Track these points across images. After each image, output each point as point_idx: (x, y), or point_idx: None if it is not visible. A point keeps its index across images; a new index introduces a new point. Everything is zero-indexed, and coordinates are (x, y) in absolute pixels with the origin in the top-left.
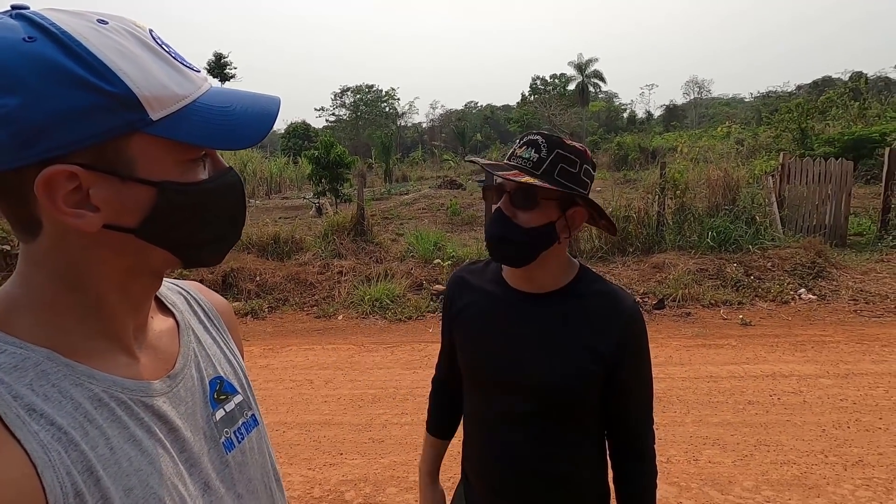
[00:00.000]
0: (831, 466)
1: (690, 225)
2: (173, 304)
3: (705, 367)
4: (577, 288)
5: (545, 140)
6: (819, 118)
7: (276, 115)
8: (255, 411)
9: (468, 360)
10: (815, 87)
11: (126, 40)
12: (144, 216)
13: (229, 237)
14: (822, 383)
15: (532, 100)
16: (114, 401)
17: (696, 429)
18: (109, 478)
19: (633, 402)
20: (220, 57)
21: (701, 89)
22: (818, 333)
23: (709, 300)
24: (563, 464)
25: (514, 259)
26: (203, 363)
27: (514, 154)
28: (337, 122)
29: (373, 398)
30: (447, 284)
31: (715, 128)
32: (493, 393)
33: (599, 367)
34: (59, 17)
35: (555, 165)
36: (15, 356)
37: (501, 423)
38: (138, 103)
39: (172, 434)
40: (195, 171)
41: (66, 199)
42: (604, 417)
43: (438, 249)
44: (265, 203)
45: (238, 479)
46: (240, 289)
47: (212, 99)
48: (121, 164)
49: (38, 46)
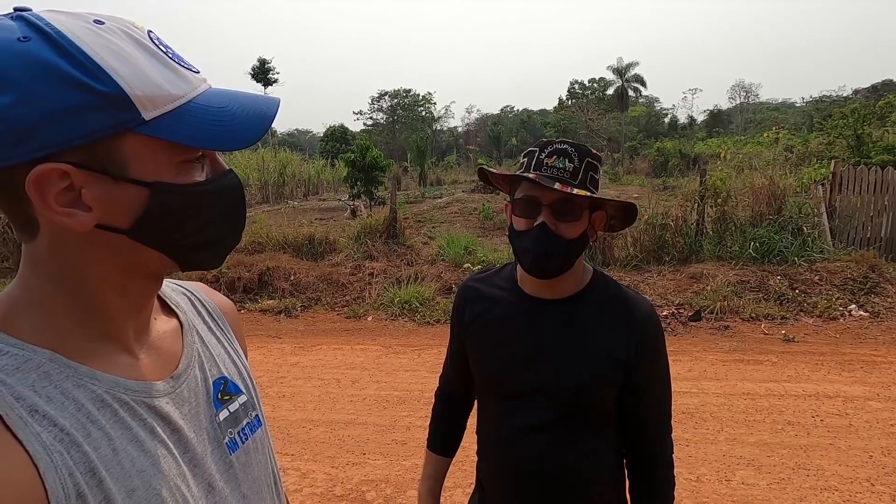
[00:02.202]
0: (878, 496)
1: (731, 234)
2: (177, 304)
3: (742, 384)
4: (592, 293)
5: (574, 149)
6: (877, 124)
7: (273, 116)
8: (259, 412)
9: (484, 368)
10: (874, 91)
11: (121, 40)
12: (136, 217)
13: (227, 240)
14: (870, 406)
15: (570, 104)
16: (116, 402)
17: (729, 447)
18: (112, 479)
19: (651, 407)
20: (264, 62)
21: (748, 93)
22: (869, 353)
23: (749, 314)
24: (582, 470)
25: (556, 271)
26: (207, 364)
27: (543, 164)
28: (374, 126)
29: (398, 400)
30: (456, 296)
31: (762, 134)
32: (510, 400)
33: (616, 372)
34: (55, 17)
35: (587, 173)
36: (17, 358)
37: (519, 431)
38: (130, 103)
39: (175, 435)
40: (191, 172)
41: (57, 198)
42: (621, 424)
43: (469, 254)
44: (302, 204)
45: (242, 480)
46: (274, 287)
47: (209, 100)
48: (113, 163)
49: (31, 46)
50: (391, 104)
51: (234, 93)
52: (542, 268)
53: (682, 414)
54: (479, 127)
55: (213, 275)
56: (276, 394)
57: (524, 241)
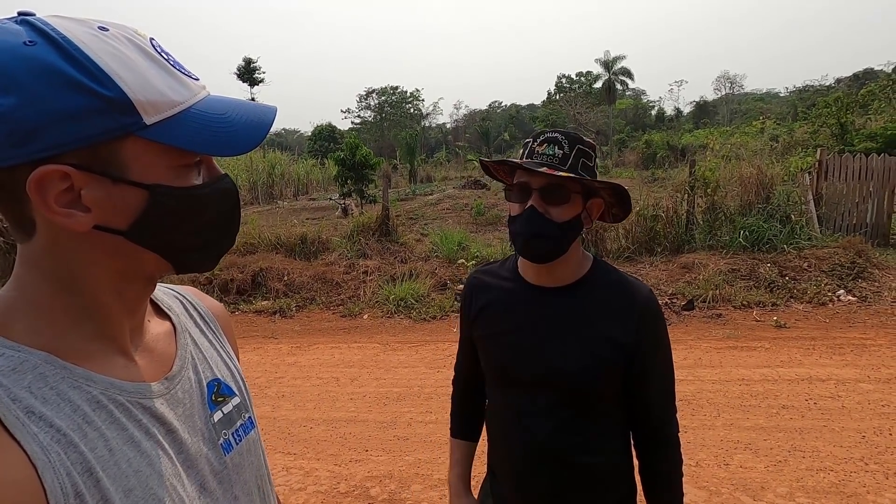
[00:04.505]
0: (872, 475)
1: (721, 224)
2: (169, 307)
3: (737, 370)
4: (592, 279)
5: (565, 136)
6: (860, 112)
7: (270, 124)
8: (251, 413)
9: (491, 356)
10: (856, 79)
11: (125, 47)
12: (135, 218)
13: (222, 243)
14: (861, 388)
15: (558, 98)
16: (112, 403)
17: (726, 432)
18: (109, 479)
19: (655, 389)
20: (250, 62)
21: (733, 84)
22: (858, 336)
23: (741, 301)
24: (589, 454)
25: (548, 254)
26: (200, 366)
27: (534, 152)
28: (362, 124)
29: (398, 396)
30: (464, 287)
31: (748, 124)
32: (516, 387)
33: (619, 356)
34: (61, 23)
35: (577, 160)
36: (13, 359)
37: (526, 417)
38: (132, 107)
39: (170, 436)
40: (188, 176)
41: (57, 199)
42: (627, 407)
43: (462, 249)
44: (292, 204)
45: (235, 481)
46: (268, 288)
47: (208, 106)
48: (113, 166)
49: (37, 50)
50: (379, 102)
51: (232, 100)
52: (532, 249)
53: (680, 401)
54: (467, 123)
55: (206, 277)
56: (275, 394)
57: (516, 225)
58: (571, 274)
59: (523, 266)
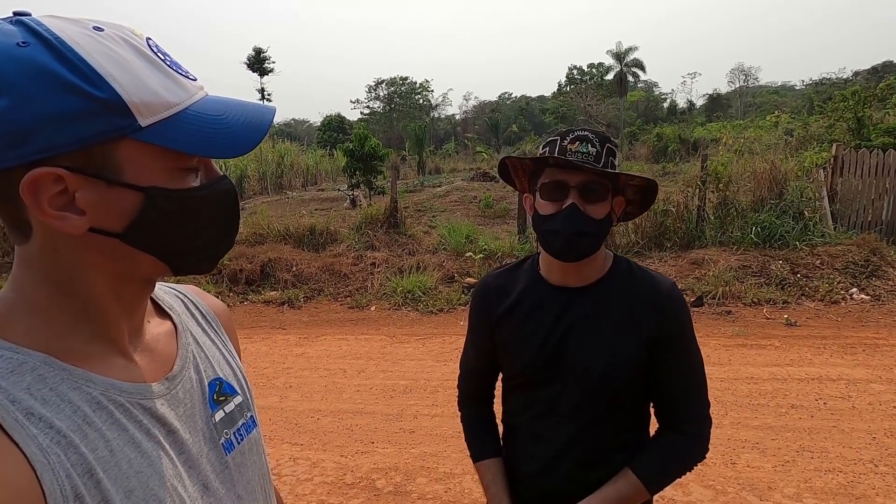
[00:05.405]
0: (882, 477)
1: (733, 220)
2: (170, 307)
3: (746, 368)
4: (614, 276)
5: (595, 135)
6: (878, 107)
7: (269, 125)
8: (253, 413)
9: (518, 360)
10: (875, 73)
11: (119, 47)
12: (130, 221)
13: (220, 246)
14: (873, 389)
15: (568, 90)
16: (112, 404)
17: (734, 431)
18: (110, 480)
19: (681, 383)
20: (260, 52)
21: (747, 77)
22: (871, 336)
23: (751, 298)
24: (615, 453)
25: (587, 251)
26: (202, 365)
27: (567, 150)
28: (371, 115)
29: (404, 389)
30: (477, 295)
31: (762, 117)
32: (540, 388)
33: (643, 352)
34: (55, 23)
35: (607, 158)
36: (12, 361)
37: (550, 418)
38: (127, 109)
39: (171, 436)
40: (186, 178)
41: (51, 202)
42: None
43: (470, 242)
44: (301, 195)
45: (237, 480)
46: (277, 279)
47: (205, 107)
48: (108, 168)
49: (30, 51)
50: (388, 92)
51: (230, 101)
52: (573, 247)
53: None
54: (477, 114)
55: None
56: (283, 384)
57: (554, 224)
58: (595, 273)
59: (547, 267)
